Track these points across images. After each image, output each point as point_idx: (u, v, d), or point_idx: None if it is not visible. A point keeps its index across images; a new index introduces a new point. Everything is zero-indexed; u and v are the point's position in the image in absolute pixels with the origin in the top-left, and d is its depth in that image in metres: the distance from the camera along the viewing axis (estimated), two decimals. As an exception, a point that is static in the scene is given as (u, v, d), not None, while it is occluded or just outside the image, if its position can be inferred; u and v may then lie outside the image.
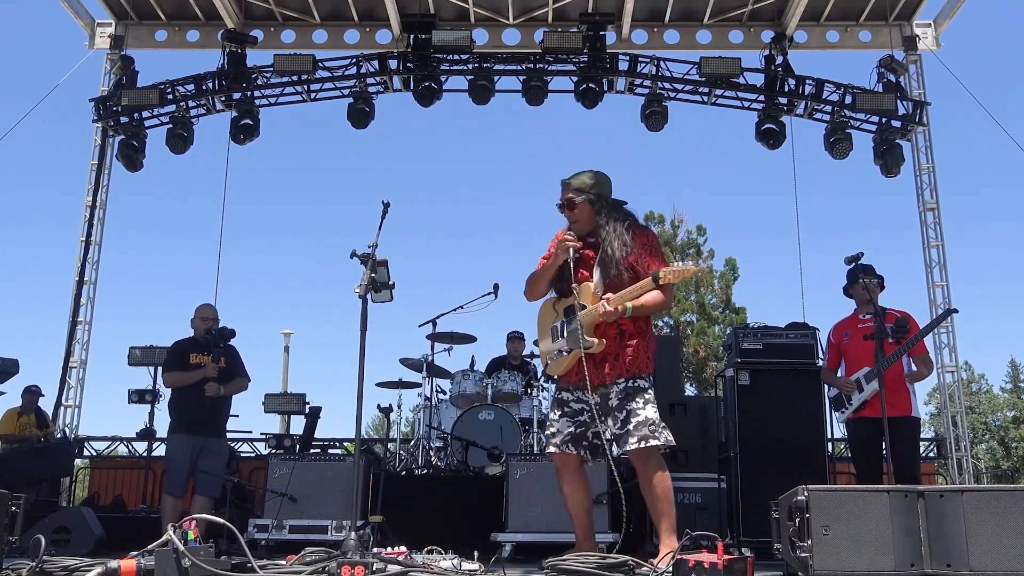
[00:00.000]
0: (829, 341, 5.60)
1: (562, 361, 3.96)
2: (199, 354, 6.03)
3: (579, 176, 4.04)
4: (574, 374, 3.89)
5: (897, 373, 5.22)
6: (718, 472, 6.24)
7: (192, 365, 5.98)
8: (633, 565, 3.27)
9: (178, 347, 6.12)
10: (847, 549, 2.79)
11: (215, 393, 5.89)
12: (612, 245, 3.88)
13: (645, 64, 9.46)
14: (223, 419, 6.17)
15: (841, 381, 5.40)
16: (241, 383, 6.19)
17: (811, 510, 2.82)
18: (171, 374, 6.05)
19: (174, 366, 6.05)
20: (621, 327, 3.87)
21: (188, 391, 5.92)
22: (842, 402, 5.41)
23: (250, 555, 3.30)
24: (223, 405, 6.11)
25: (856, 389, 5.31)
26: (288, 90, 9.66)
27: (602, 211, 3.98)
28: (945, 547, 2.81)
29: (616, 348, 3.85)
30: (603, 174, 4.08)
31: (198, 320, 6.14)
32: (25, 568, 3.15)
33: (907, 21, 9.87)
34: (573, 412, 3.93)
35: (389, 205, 3.95)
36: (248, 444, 9.74)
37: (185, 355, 6.04)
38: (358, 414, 3.60)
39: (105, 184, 9.74)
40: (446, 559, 3.64)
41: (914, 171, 9.68)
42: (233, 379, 6.09)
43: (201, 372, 5.91)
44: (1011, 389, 31.71)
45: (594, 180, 4.02)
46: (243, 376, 6.20)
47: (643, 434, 3.72)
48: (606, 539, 5.55)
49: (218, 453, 6.03)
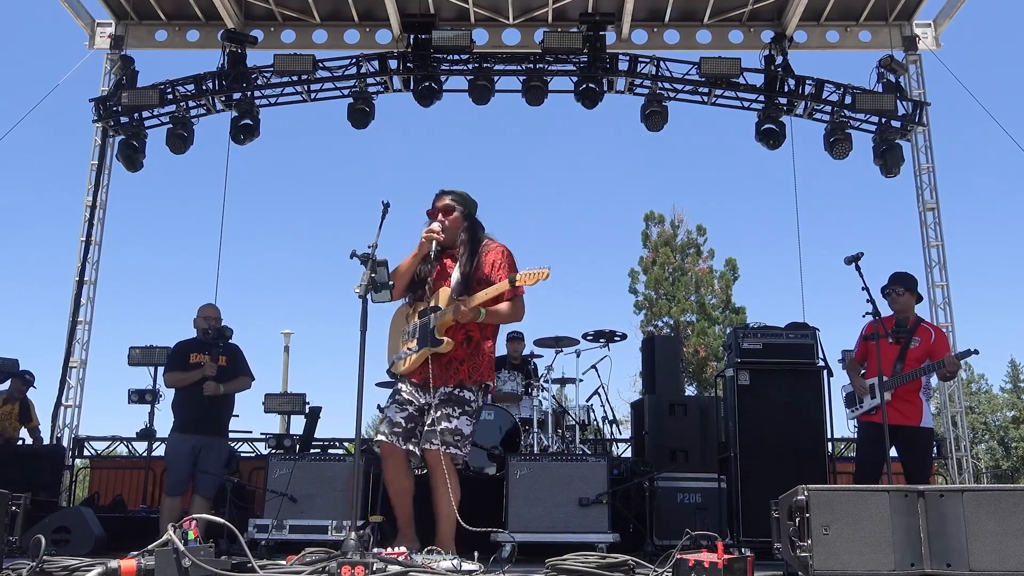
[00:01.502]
0: (862, 334, 5.60)
1: (408, 359, 4.14)
2: (200, 354, 6.04)
3: (457, 191, 4.33)
4: (418, 373, 4.08)
5: (916, 385, 5.31)
6: (718, 472, 6.24)
7: (192, 365, 5.99)
8: (633, 565, 3.27)
9: (179, 347, 6.15)
10: (847, 549, 2.79)
11: (214, 392, 5.89)
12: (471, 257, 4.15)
13: (645, 64, 9.46)
14: (224, 418, 6.14)
15: (858, 382, 5.50)
16: (244, 382, 6.19)
17: (811, 510, 2.82)
18: (171, 374, 6.07)
19: (174, 366, 6.07)
20: (469, 333, 4.08)
21: (188, 391, 5.93)
22: (854, 400, 5.52)
23: (250, 555, 3.31)
24: (224, 404, 6.09)
25: (868, 393, 5.39)
26: (288, 90, 9.65)
27: (468, 227, 4.25)
28: (945, 547, 2.81)
29: (462, 353, 4.06)
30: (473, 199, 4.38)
31: (200, 319, 6.15)
32: (25, 568, 3.16)
33: (907, 21, 9.87)
34: (405, 403, 4.12)
35: (389, 205, 3.95)
36: (248, 444, 9.72)
37: (186, 355, 6.05)
38: (358, 414, 3.60)
39: (105, 184, 9.74)
40: (447, 559, 3.63)
41: (914, 171, 9.68)
42: (236, 378, 6.09)
43: (200, 372, 5.92)
44: (1011, 389, 31.71)
45: (468, 199, 4.33)
46: (246, 375, 6.20)
47: (447, 440, 3.95)
48: (606, 539, 5.57)
49: (218, 452, 6.02)
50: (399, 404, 4.13)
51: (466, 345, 4.08)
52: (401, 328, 4.32)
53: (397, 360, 4.21)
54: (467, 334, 4.08)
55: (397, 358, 4.21)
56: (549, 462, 5.91)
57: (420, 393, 4.10)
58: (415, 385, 4.12)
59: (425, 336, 4.07)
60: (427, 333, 4.06)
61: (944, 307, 9.29)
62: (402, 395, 4.15)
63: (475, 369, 4.09)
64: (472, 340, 4.09)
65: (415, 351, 4.10)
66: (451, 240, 4.20)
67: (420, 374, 4.06)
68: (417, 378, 4.09)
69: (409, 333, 4.21)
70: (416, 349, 4.10)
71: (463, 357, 4.07)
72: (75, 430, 9.17)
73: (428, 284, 4.19)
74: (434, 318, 4.06)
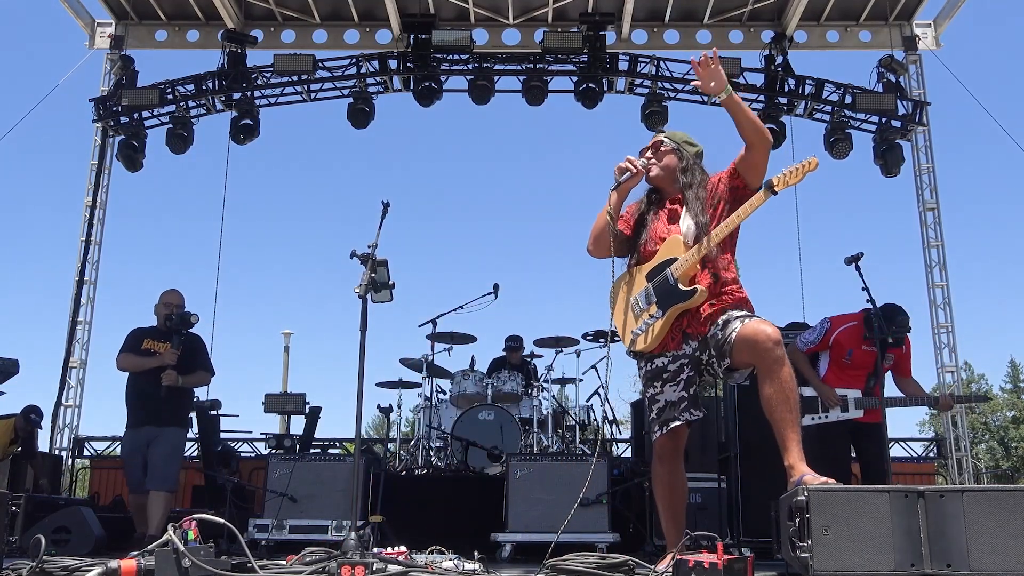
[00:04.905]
0: (827, 333, 5.35)
1: (651, 331, 3.52)
2: (155, 341, 5.55)
3: (675, 132, 3.84)
4: (669, 339, 3.52)
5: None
6: (718, 472, 6.23)
7: (144, 351, 5.51)
8: (633, 565, 3.26)
9: (134, 332, 5.66)
10: (847, 549, 2.78)
11: (173, 382, 5.38)
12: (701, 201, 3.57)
13: (645, 64, 9.46)
14: (180, 411, 5.62)
15: (825, 390, 5.17)
16: (202, 377, 5.75)
17: (811, 510, 2.81)
18: (124, 355, 5.55)
19: (127, 348, 5.57)
20: (715, 272, 3.49)
21: (141, 380, 5.47)
22: (815, 408, 5.16)
23: (250, 555, 3.30)
24: (181, 396, 5.59)
25: (838, 406, 5.14)
26: (288, 90, 9.67)
27: (687, 169, 3.69)
28: (945, 547, 2.80)
29: (713, 295, 3.47)
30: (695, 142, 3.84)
31: (161, 306, 5.67)
32: (25, 568, 3.15)
33: (907, 21, 9.87)
34: (676, 374, 3.52)
35: (389, 205, 3.95)
36: (248, 444, 9.75)
37: (140, 340, 5.56)
38: (358, 414, 3.60)
39: (105, 184, 9.75)
40: (448, 559, 3.63)
41: (914, 171, 9.69)
42: (193, 372, 5.60)
43: (158, 359, 5.43)
44: (1011, 389, 31.74)
45: (688, 140, 3.80)
46: (206, 370, 5.75)
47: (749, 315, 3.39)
48: (606, 539, 5.57)
49: (168, 443, 5.44)
50: (670, 382, 3.51)
51: (715, 284, 3.48)
52: (622, 303, 3.69)
53: (637, 336, 3.58)
54: (712, 272, 3.49)
55: (635, 334, 3.58)
56: (549, 462, 5.91)
57: (677, 352, 3.52)
58: (672, 351, 3.53)
59: (669, 294, 3.49)
60: (671, 290, 3.49)
61: (944, 307, 9.30)
62: (668, 370, 3.52)
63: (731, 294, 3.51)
64: (719, 278, 3.50)
65: (659, 316, 3.51)
66: (667, 184, 3.68)
67: (673, 340, 3.51)
68: (672, 346, 3.52)
69: (642, 301, 3.60)
70: (660, 314, 3.51)
71: (712, 299, 3.48)
72: (75, 430, 9.18)
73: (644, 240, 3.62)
74: (671, 271, 3.49)
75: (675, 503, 3.60)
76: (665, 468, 3.60)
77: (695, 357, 3.52)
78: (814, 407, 5.20)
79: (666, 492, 3.61)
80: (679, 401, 3.51)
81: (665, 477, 3.60)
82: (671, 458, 3.60)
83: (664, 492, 3.61)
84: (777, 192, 3.33)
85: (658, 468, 3.62)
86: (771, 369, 3.26)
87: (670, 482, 3.60)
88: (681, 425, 3.50)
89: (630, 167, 3.60)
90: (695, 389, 3.54)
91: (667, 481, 3.60)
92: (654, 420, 3.59)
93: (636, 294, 3.63)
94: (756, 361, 3.31)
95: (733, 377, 3.49)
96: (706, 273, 3.50)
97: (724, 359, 3.38)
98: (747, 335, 3.30)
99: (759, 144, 3.53)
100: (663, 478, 3.61)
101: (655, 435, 3.60)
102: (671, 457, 3.60)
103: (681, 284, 3.47)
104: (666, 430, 3.53)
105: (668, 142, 3.75)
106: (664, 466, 3.60)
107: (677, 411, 3.50)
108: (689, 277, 3.48)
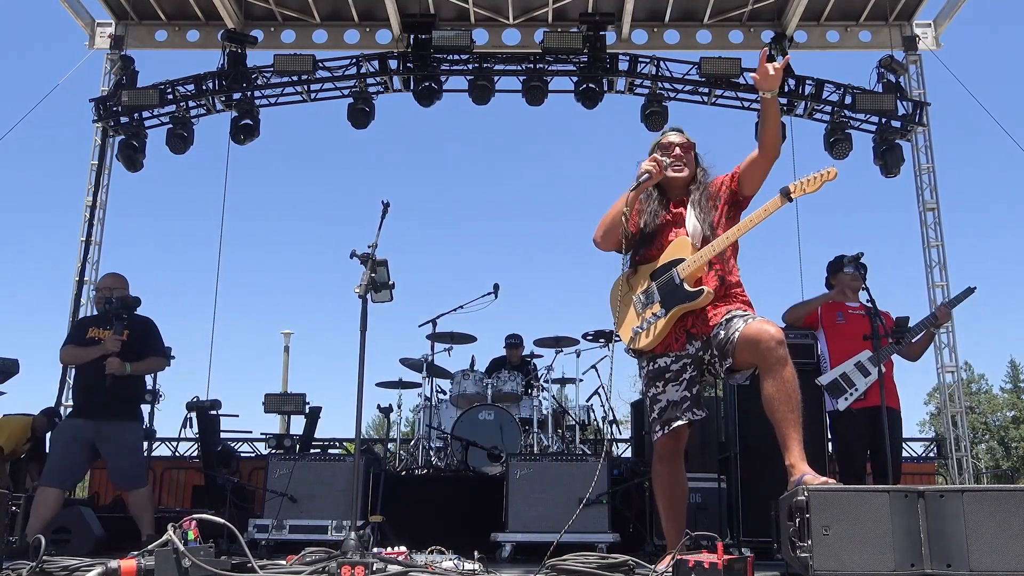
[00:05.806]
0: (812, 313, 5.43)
1: (653, 327, 3.51)
2: (99, 328, 5.19)
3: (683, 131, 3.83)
4: (673, 340, 3.52)
5: (890, 363, 5.26)
6: (718, 472, 6.23)
7: (88, 340, 5.15)
8: (633, 565, 3.26)
9: (79, 322, 5.41)
10: (847, 549, 2.78)
11: (118, 370, 4.98)
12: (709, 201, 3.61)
13: (645, 64, 9.46)
14: (131, 401, 5.23)
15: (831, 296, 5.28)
16: (154, 363, 5.39)
17: (811, 510, 2.81)
18: (65, 348, 5.25)
19: (69, 340, 5.28)
20: (721, 274, 3.52)
21: (86, 370, 5.14)
22: (841, 389, 5.21)
23: (250, 555, 3.30)
24: (131, 385, 5.19)
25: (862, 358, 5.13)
26: (288, 90, 9.67)
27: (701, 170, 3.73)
28: (945, 547, 2.80)
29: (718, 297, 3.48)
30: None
31: (98, 292, 5.36)
32: (25, 568, 3.15)
33: (907, 21, 9.87)
34: (679, 374, 3.52)
35: (389, 205, 3.95)
36: (248, 444, 9.75)
37: (84, 329, 5.26)
38: (358, 414, 3.60)
39: (105, 184, 9.75)
40: (448, 559, 3.63)
41: (914, 171, 9.69)
42: (144, 358, 5.18)
43: (100, 348, 5.04)
44: (1011, 389, 31.76)
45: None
46: (159, 355, 5.36)
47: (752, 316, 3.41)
48: (606, 539, 5.56)
49: (123, 440, 5.07)
50: (672, 381, 3.51)
51: (721, 286, 3.51)
52: (626, 301, 3.65)
53: (638, 333, 3.56)
54: (719, 274, 3.51)
55: (636, 332, 3.56)
56: (549, 462, 5.91)
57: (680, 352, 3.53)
58: (674, 351, 3.53)
59: (674, 294, 3.48)
60: (675, 290, 3.47)
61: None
62: (671, 370, 3.52)
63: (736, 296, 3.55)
64: (725, 280, 3.53)
65: (661, 315, 3.49)
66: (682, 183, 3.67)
67: (676, 340, 3.51)
68: (675, 346, 3.52)
69: (644, 299, 3.59)
70: (663, 313, 3.49)
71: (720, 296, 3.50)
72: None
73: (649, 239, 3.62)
74: (679, 272, 3.48)
75: (675, 503, 3.62)
76: (665, 468, 3.62)
77: (698, 357, 3.53)
78: (840, 389, 5.22)
79: (666, 492, 3.62)
80: (681, 401, 3.52)
81: (665, 477, 3.62)
82: (672, 458, 3.62)
83: (664, 492, 3.63)
84: (793, 199, 3.34)
85: (658, 468, 3.63)
86: (774, 368, 3.28)
87: (670, 482, 3.62)
88: (683, 425, 3.51)
89: (651, 169, 3.57)
90: (698, 389, 3.55)
91: (667, 481, 3.62)
92: (655, 420, 3.60)
93: (639, 292, 3.63)
94: (759, 361, 3.31)
95: (734, 378, 3.50)
96: (712, 275, 3.52)
97: (726, 359, 3.39)
98: (750, 335, 3.32)
99: (771, 151, 3.56)
100: (663, 478, 3.62)
101: (656, 435, 3.60)
102: (672, 457, 3.62)
103: (687, 285, 3.48)
104: (668, 430, 3.54)
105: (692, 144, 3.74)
106: (664, 466, 3.62)
107: (679, 411, 3.52)
108: (696, 278, 3.50)
